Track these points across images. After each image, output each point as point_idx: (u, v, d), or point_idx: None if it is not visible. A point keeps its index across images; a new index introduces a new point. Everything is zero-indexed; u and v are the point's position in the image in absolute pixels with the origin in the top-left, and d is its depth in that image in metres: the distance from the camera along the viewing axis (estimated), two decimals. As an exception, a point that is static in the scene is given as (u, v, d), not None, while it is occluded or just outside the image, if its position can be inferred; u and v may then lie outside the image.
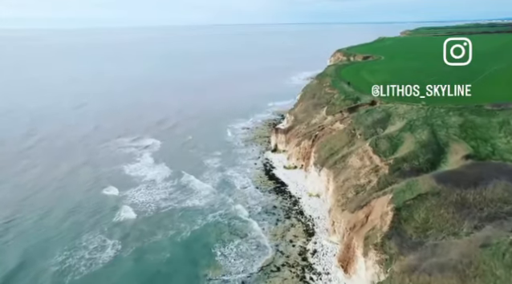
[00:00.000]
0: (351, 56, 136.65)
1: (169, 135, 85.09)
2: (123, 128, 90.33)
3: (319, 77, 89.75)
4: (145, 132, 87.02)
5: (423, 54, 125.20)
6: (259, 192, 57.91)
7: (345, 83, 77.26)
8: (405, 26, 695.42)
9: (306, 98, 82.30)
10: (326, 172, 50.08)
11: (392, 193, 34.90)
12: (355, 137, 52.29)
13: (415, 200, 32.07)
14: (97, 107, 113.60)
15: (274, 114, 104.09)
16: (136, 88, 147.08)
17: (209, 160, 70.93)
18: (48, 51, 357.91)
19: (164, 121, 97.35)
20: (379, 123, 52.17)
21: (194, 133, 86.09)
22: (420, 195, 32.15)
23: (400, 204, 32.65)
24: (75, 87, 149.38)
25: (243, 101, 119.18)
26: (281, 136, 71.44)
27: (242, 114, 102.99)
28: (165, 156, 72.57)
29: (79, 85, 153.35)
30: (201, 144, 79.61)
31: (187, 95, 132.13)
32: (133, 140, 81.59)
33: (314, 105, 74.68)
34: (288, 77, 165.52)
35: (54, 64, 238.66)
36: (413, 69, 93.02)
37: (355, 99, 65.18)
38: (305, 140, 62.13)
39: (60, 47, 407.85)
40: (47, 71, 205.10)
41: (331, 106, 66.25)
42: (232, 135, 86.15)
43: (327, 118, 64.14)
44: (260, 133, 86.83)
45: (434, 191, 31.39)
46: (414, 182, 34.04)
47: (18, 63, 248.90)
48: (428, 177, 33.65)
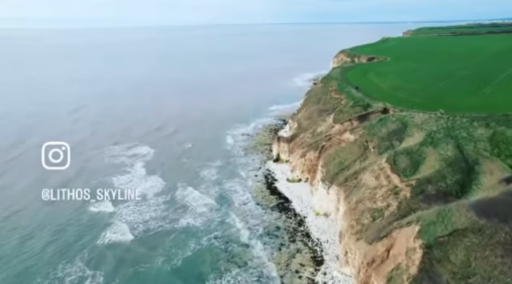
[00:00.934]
0: (356, 57, 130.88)
1: (164, 142, 79.18)
2: (119, 134, 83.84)
3: (324, 80, 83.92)
4: (141, 139, 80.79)
5: (430, 55, 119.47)
6: (260, 209, 52.13)
7: (353, 88, 71.40)
8: (405, 26, 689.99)
9: (311, 103, 76.46)
10: (335, 190, 44.29)
11: (419, 225, 29.10)
12: (367, 150, 46.47)
13: (450, 237, 26.29)
14: (94, 111, 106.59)
15: (275, 118, 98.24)
16: (136, 89, 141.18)
17: (206, 170, 65.11)
18: (47, 51, 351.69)
19: (160, 126, 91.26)
20: (395, 135, 46.33)
21: (191, 140, 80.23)
22: (456, 231, 26.37)
23: (431, 241, 26.86)
24: (74, 88, 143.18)
25: (243, 104, 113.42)
26: (283, 145, 65.64)
27: (242, 118, 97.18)
28: (159, 166, 66.73)
29: (77, 86, 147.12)
30: (197, 152, 73.79)
31: (185, 97, 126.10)
32: (128, 148, 75.31)
33: (319, 111, 68.86)
34: (290, 78, 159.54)
35: (53, 64, 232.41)
36: (423, 71, 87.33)
37: (364, 105, 59.31)
38: (310, 151, 56.30)
39: (59, 47, 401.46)
40: (45, 71, 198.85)
41: (338, 113, 60.38)
42: (231, 142, 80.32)
43: (334, 126, 58.30)
44: (261, 140, 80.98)
45: (475, 227, 25.61)
46: (447, 213, 28.21)
47: (16, 63, 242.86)
48: (464, 207, 27.81)
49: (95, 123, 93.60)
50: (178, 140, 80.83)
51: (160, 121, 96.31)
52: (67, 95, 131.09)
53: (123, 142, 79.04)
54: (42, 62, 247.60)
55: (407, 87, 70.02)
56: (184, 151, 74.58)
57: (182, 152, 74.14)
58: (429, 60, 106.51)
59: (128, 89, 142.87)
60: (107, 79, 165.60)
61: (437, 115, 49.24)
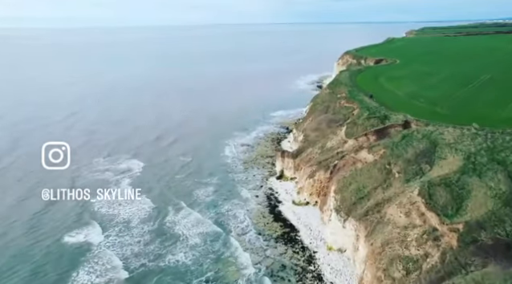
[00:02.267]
0: (362, 59, 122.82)
1: (156, 155, 70.90)
2: (111, 146, 75.42)
3: (331, 85, 75.95)
4: (132, 150, 72.72)
5: (442, 57, 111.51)
6: (262, 240, 44.29)
7: (365, 95, 63.53)
8: (406, 25, 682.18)
9: (318, 111, 68.57)
10: (354, 224, 36.44)
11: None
12: (391, 175, 38.61)
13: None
14: (88, 118, 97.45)
15: (277, 126, 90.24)
16: (133, 93, 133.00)
17: (202, 189, 57.21)
18: (44, 51, 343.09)
19: (152, 134, 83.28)
20: (424, 157, 38.46)
21: (186, 151, 72.25)
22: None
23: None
24: (68, 91, 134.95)
25: (243, 109, 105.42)
26: (288, 161, 57.77)
27: (242, 126, 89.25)
28: (148, 183, 58.83)
29: (72, 89, 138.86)
30: (192, 166, 65.83)
31: (183, 100, 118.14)
32: (117, 162, 67.51)
33: (328, 122, 60.96)
34: (292, 81, 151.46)
35: (49, 65, 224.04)
36: (440, 75, 79.41)
37: (381, 117, 51.42)
38: (320, 171, 48.44)
39: (57, 47, 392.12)
40: (40, 72, 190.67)
41: (351, 125, 52.49)
42: (230, 154, 72.39)
43: (347, 142, 50.41)
44: (262, 151, 73.07)
45: None
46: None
47: (12, 63, 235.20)
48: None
49: (88, 132, 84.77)
50: (171, 152, 72.88)
51: (153, 127, 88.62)
52: (61, 97, 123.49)
53: (113, 154, 71.14)
54: (39, 62, 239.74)
55: (425, 95, 62.09)
56: (177, 165, 66.59)
57: (175, 166, 66.16)
58: (443, 62, 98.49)
59: (124, 92, 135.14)
60: (103, 81, 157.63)
61: (471, 132, 41.37)
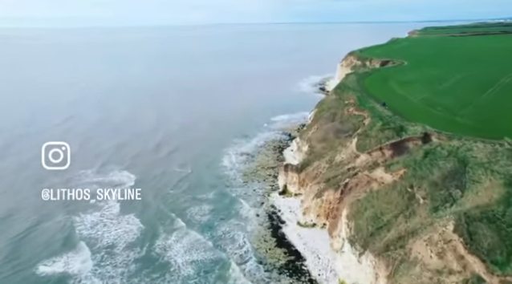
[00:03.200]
0: (367, 60, 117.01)
1: (148, 165, 65.23)
2: (105, 155, 69.24)
3: (338, 90, 70.16)
4: (125, 161, 66.83)
5: (452, 58, 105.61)
6: (263, 270, 38.60)
7: (376, 102, 57.81)
8: (407, 25, 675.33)
9: (324, 119, 62.81)
10: (372, 260, 30.74)
11: None
12: (414, 201, 32.88)
13: None
14: (84, 123, 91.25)
15: (279, 132, 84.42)
16: (132, 94, 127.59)
17: (197, 207, 51.47)
18: (43, 51, 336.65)
19: (147, 142, 77.77)
20: (453, 180, 32.73)
21: (180, 162, 66.51)
22: None
23: None
24: (65, 93, 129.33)
25: (243, 113, 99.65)
26: (292, 175, 52.04)
27: (242, 132, 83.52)
28: (139, 200, 53.13)
29: (69, 90, 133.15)
30: (188, 180, 60.01)
31: (180, 103, 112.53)
32: (109, 174, 61.67)
33: (335, 131, 55.22)
34: (294, 82, 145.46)
35: (48, 65, 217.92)
36: (454, 79, 73.64)
37: (397, 128, 45.67)
38: (329, 191, 42.72)
39: (56, 47, 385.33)
40: (40, 72, 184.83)
41: (363, 137, 46.74)
42: (229, 164, 66.66)
43: (359, 156, 44.68)
44: (263, 162, 67.30)
45: None
46: None
47: (10, 63, 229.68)
48: None
49: (84, 139, 78.46)
50: (166, 162, 67.11)
51: (148, 133, 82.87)
52: (59, 99, 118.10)
53: (107, 164, 65.42)
54: (39, 63, 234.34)
55: (442, 102, 56.30)
56: (171, 177, 60.86)
57: (169, 179, 60.41)
58: (454, 65, 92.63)
59: (123, 93, 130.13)
60: (102, 82, 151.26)
61: (505, 147, 35.68)
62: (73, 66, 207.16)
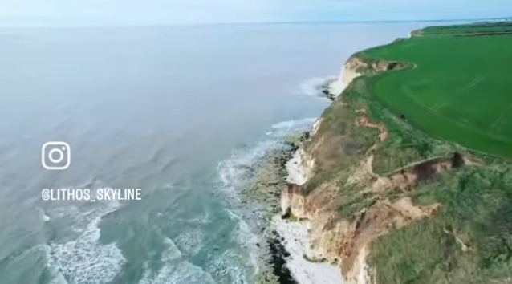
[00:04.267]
0: (373, 62, 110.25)
1: (136, 183, 58.38)
2: (95, 170, 62.12)
3: (346, 97, 63.35)
4: (112, 179, 60.16)
5: (465, 60, 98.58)
6: (265, 322, 32.06)
7: (391, 112, 51.03)
8: (407, 25, 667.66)
9: (331, 130, 56.05)
10: (404, 327, 24.05)
11: None
12: (454, 246, 26.11)
13: None
14: (76, 132, 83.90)
15: (281, 141, 77.49)
16: (130, 96, 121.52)
17: (189, 233, 44.74)
18: (43, 51, 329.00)
19: (133, 154, 71.16)
20: (506, 221, 25.98)
21: (173, 178, 59.60)
22: None
23: None
24: (62, 95, 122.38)
25: (243, 120, 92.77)
26: (297, 198, 45.31)
27: (241, 141, 76.65)
28: (123, 226, 46.46)
29: (66, 92, 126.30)
30: (179, 200, 53.01)
31: (177, 109, 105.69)
32: (94, 192, 54.71)
33: (346, 146, 48.48)
34: (295, 85, 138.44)
35: (47, 66, 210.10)
36: (474, 83, 66.79)
37: (420, 146, 38.93)
38: (342, 222, 35.97)
39: (54, 47, 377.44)
40: (38, 73, 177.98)
41: (380, 157, 39.99)
42: (226, 179, 59.82)
43: (376, 179, 37.93)
44: (263, 177, 60.48)
45: None
46: None
47: (9, 64, 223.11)
48: None
49: (75, 151, 71.39)
50: (156, 177, 60.38)
51: (140, 143, 75.99)
52: (51, 104, 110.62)
53: (96, 179, 58.73)
54: (38, 63, 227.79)
55: (467, 112, 49.54)
56: (161, 196, 54.01)
57: (159, 198, 53.54)
58: (468, 67, 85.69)
59: (121, 94, 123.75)
60: (98, 86, 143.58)
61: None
62: (72, 68, 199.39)
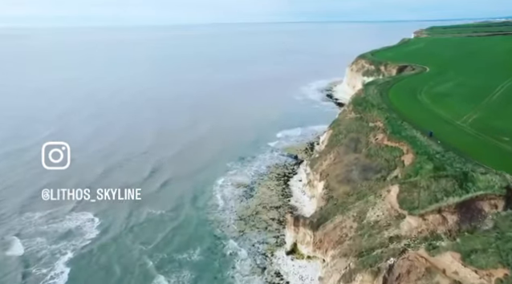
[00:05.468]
0: (382, 65, 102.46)
1: (117, 207, 50.83)
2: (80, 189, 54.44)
3: (358, 107, 55.59)
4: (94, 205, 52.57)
5: (483, 63, 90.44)
6: None
7: (414, 128, 43.31)
8: (408, 25, 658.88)
9: (342, 146, 48.39)
10: None
11: None
12: None
13: None
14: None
15: (283, 154, 69.79)
16: (126, 101, 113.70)
17: (174, 276, 37.12)
18: (43, 52, 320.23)
19: (120, 170, 63.60)
20: None
21: (159, 201, 52.03)
22: None
23: None
24: (54, 101, 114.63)
25: (241, 129, 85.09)
26: (305, 233, 37.67)
27: (239, 153, 69.10)
28: (96, 266, 38.90)
29: (59, 98, 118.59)
30: (167, 228, 45.32)
31: (172, 115, 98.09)
32: (71, 218, 47.67)
33: (362, 169, 40.79)
34: (297, 88, 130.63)
35: (47, 66, 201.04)
36: (501, 90, 58.99)
37: (458, 176, 31.27)
38: (363, 273, 28.25)
39: (56, 47, 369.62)
40: (37, 74, 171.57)
41: (407, 187, 32.31)
42: (222, 201, 52.17)
43: (404, 218, 30.30)
44: (264, 198, 52.81)
45: None
46: None
47: (7, 64, 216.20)
48: None
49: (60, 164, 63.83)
50: (145, 203, 52.28)
51: (127, 159, 68.36)
52: (43, 111, 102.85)
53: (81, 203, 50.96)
54: (38, 63, 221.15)
55: (505, 127, 41.85)
56: (146, 224, 46.34)
57: (143, 227, 45.95)
58: (489, 71, 77.63)
59: (117, 99, 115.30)
60: (94, 88, 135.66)
61: None
62: (71, 69, 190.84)
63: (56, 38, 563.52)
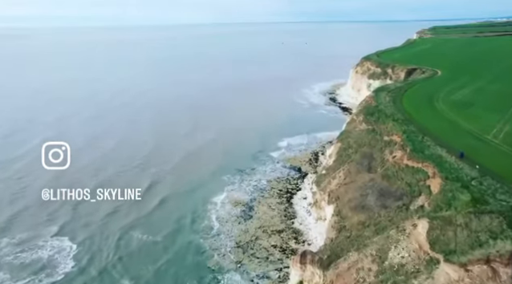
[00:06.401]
0: (388, 68, 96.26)
1: (99, 231, 44.83)
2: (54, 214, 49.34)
3: (369, 116, 49.45)
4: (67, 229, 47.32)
5: (500, 67, 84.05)
6: None
7: (437, 144, 37.25)
8: (410, 24, 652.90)
9: (354, 163, 42.33)
10: None
11: None
12: None
13: None
14: None
15: (285, 165, 63.72)
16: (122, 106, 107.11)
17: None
18: (43, 52, 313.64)
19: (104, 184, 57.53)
20: None
21: (147, 224, 45.97)
22: None
23: None
24: (49, 103, 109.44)
25: (239, 137, 78.99)
26: (313, 272, 31.60)
27: (237, 164, 63.09)
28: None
29: (52, 100, 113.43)
30: (152, 257, 39.44)
31: (162, 121, 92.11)
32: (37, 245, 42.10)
33: (379, 193, 34.73)
34: (299, 91, 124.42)
35: (47, 67, 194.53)
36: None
37: (505, 211, 25.29)
38: None
39: (56, 47, 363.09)
40: (36, 75, 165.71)
41: (439, 224, 26.27)
42: (217, 224, 45.97)
43: (439, 265, 24.29)
44: (265, 219, 46.74)
45: None
46: None
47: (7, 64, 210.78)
48: None
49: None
50: (136, 227, 46.44)
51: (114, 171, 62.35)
52: (43, 111, 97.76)
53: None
54: (37, 64, 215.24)
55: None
56: (131, 254, 40.48)
57: (128, 257, 40.03)
58: (510, 74, 71.50)
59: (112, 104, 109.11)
60: (91, 91, 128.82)
61: None
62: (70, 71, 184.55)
63: (56, 38, 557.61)
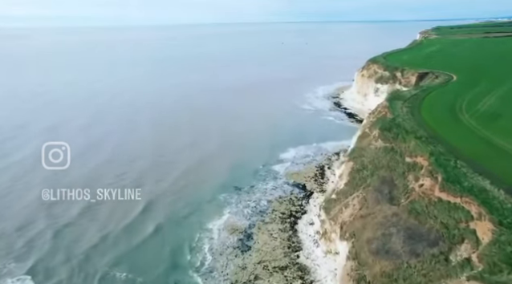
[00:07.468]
0: (397, 71, 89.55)
1: (72, 266, 38.22)
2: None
3: (387, 133, 42.58)
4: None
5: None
6: None
7: (476, 171, 30.63)
8: (410, 24, 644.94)
9: (370, 188, 35.67)
10: None
11: None
12: None
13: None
14: None
15: (288, 182, 56.90)
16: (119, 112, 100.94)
17: None
18: (43, 52, 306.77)
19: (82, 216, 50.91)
20: None
21: (127, 259, 39.49)
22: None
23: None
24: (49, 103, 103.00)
25: (238, 147, 72.27)
26: None
27: (234, 181, 56.29)
28: None
29: (52, 100, 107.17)
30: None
31: (153, 130, 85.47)
32: None
33: (405, 234, 28.08)
34: (301, 95, 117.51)
35: (47, 68, 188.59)
36: None
37: None
38: None
39: (56, 48, 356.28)
40: (35, 76, 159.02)
41: None
42: (210, 257, 39.33)
43: None
44: (265, 251, 39.98)
45: None
46: None
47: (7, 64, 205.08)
48: None
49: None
50: (107, 256, 40.05)
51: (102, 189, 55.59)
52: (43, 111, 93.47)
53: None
54: (38, 64, 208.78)
55: None
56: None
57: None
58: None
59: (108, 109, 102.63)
60: (91, 92, 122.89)
61: None
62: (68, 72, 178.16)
63: (56, 38, 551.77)
